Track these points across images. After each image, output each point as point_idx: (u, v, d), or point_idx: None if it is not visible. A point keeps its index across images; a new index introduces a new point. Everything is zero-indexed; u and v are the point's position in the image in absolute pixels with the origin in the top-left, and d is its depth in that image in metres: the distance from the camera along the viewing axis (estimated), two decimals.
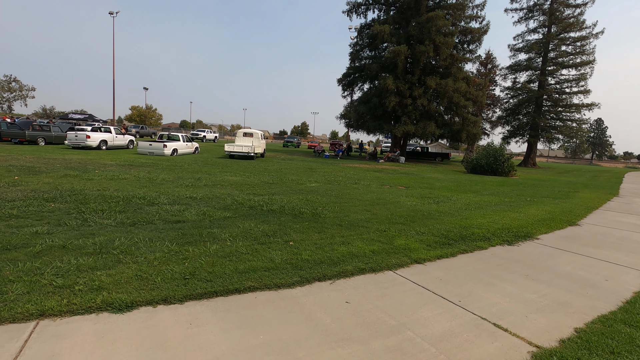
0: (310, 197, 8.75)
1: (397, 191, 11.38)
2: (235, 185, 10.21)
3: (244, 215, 6.31)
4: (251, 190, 9.42)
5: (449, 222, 6.90)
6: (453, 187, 13.91)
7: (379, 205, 8.44)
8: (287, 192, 9.40)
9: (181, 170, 13.18)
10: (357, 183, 12.74)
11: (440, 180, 16.54)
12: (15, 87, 75.99)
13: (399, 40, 28.71)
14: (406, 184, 13.88)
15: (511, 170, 22.05)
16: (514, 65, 42.81)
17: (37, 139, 22.00)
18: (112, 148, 22.55)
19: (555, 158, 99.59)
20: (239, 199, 7.73)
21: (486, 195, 11.82)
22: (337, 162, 24.89)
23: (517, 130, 42.97)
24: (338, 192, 10.02)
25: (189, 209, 6.44)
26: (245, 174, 13.28)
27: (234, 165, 16.80)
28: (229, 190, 9.05)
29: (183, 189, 8.82)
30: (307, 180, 12.55)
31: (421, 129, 28.07)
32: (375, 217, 6.97)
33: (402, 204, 8.77)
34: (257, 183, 10.92)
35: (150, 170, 12.55)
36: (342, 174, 16.08)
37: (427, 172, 21.05)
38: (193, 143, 23.56)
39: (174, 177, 10.88)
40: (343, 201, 8.61)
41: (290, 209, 7.12)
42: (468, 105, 28.63)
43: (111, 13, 47.10)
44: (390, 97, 27.46)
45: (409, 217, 7.18)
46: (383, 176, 16.43)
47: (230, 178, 11.66)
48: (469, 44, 31.52)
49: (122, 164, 14.06)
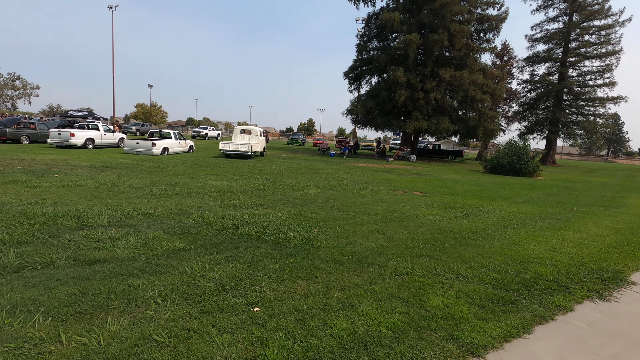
0: (305, 211, 6.84)
1: (414, 199, 9.41)
2: (216, 192, 8.35)
3: (205, 245, 4.43)
4: (232, 200, 7.55)
5: (495, 252, 4.93)
6: (477, 192, 11.87)
7: (394, 221, 6.49)
8: (278, 203, 7.51)
9: (161, 173, 11.38)
10: (364, 188, 10.80)
11: (459, 182, 14.49)
12: (19, 85, 75.38)
13: (409, 29, 26.51)
14: (422, 188, 11.89)
15: (536, 170, 19.85)
16: (531, 56, 40.17)
17: (20, 137, 20.46)
18: (101, 147, 20.93)
19: (569, 155, 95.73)
20: (209, 216, 5.86)
21: (521, 204, 9.77)
22: (342, 161, 22.93)
23: (535, 126, 40.39)
24: (341, 202, 8.10)
25: (129, 235, 4.59)
26: (234, 177, 11.43)
27: (227, 166, 14.97)
28: (204, 202, 7.19)
29: (145, 200, 6.99)
30: (305, 185, 10.64)
31: (434, 125, 25.89)
32: (391, 244, 5.04)
33: (423, 219, 6.82)
34: (244, 190, 9.05)
35: (124, 173, 10.77)
36: (347, 175, 14.14)
37: (443, 173, 18.98)
38: (187, 141, 21.82)
39: (144, 183, 9.06)
40: (347, 216, 6.69)
41: (274, 231, 5.22)
42: (485, 99, 26.33)
43: (110, 7, 45.66)
44: (400, 90, 25.33)
45: (436, 242, 5.23)
46: (394, 178, 14.44)
47: (214, 183, 9.81)
48: (486, 32, 29.14)
49: (97, 165, 12.33)
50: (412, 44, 24.75)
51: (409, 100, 26.09)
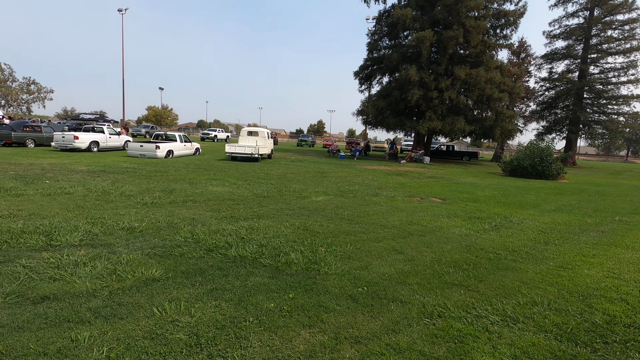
0: (312, 223, 6.01)
1: (433, 207, 8.48)
2: (214, 201, 7.59)
3: (187, 272, 3.64)
4: (231, 210, 6.77)
5: (543, 279, 4.01)
6: (501, 198, 10.85)
7: (414, 236, 5.61)
8: (281, 214, 6.69)
9: (160, 178, 10.71)
10: (377, 194, 9.91)
11: (479, 187, 13.46)
12: (34, 89, 76.69)
13: (422, 25, 25.48)
14: (440, 193, 10.93)
15: (560, 172, 18.61)
16: (550, 53, 38.62)
17: (26, 140, 20.20)
18: (106, 150, 20.52)
19: (587, 155, 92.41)
20: (200, 232, 5.08)
21: (554, 212, 8.75)
22: (353, 163, 22.04)
23: (554, 126, 38.78)
24: (352, 212, 7.24)
25: (99, 258, 3.83)
26: (237, 182, 10.68)
27: (231, 169, 14.26)
28: (198, 212, 6.42)
29: (133, 210, 6.26)
30: (313, 190, 9.81)
31: (449, 125, 24.77)
32: (414, 268, 4.17)
33: (447, 233, 5.91)
34: (246, 197, 8.27)
35: (120, 178, 10.13)
36: (358, 179, 13.26)
37: (460, 176, 17.92)
38: (193, 144, 21.24)
39: (138, 190, 8.37)
40: (359, 229, 5.83)
41: (274, 252, 4.40)
42: (503, 98, 25.08)
43: (120, 10, 45.81)
44: (413, 89, 24.31)
45: (468, 266, 4.34)
46: (408, 182, 13.50)
47: (214, 189, 9.06)
48: (503, 28, 27.87)
49: (95, 170, 11.74)
50: (426, 41, 23.72)
51: (422, 100, 25.06)
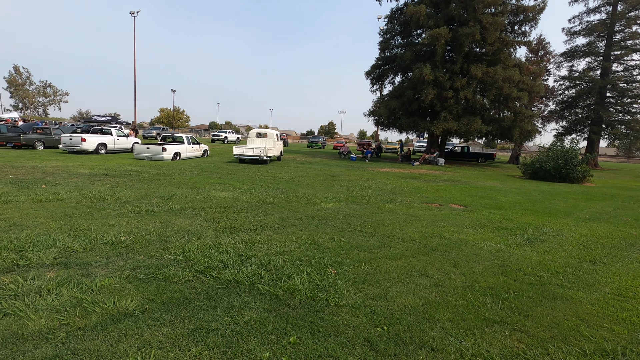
0: (320, 236, 5.34)
1: (454, 215, 7.72)
2: (216, 208, 6.99)
3: (168, 304, 3.01)
4: (232, 219, 6.15)
5: (604, 314, 3.25)
6: (527, 204, 9.99)
7: (437, 252, 4.88)
8: (287, 224, 6.04)
9: (162, 182, 10.21)
10: (392, 200, 9.18)
11: (501, 191, 12.57)
12: (50, 92, 78.28)
13: (437, 23, 24.55)
14: (459, 199, 10.13)
15: (586, 175, 17.49)
16: (570, 51, 37.09)
17: (35, 142, 20.11)
18: (114, 152, 20.27)
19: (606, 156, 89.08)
20: (193, 248, 4.47)
21: (590, 222, 7.87)
22: (364, 165, 21.30)
23: (574, 126, 37.21)
24: (365, 221, 6.54)
25: (68, 284, 3.24)
26: (243, 186, 10.09)
27: (238, 172, 13.71)
28: (196, 222, 5.82)
29: (125, 220, 5.71)
30: (323, 196, 9.14)
31: (464, 125, 23.78)
32: (442, 296, 3.46)
33: (474, 248, 5.17)
34: (250, 204, 7.66)
35: (121, 182, 9.65)
36: (371, 183, 12.54)
37: (477, 179, 17.00)
38: (201, 146, 20.84)
39: (136, 196, 7.84)
40: (374, 244, 5.14)
41: (275, 274, 3.75)
42: (522, 97, 23.97)
43: (132, 13, 46.14)
44: (427, 89, 23.43)
45: (507, 294, 3.60)
46: (424, 186, 12.71)
47: (217, 195, 8.48)
48: (521, 25, 26.72)
49: (98, 173, 11.33)
50: (441, 38, 22.82)
51: (437, 100, 24.15)
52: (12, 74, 72.25)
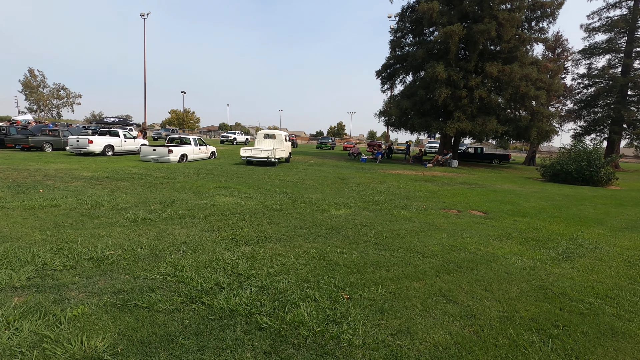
0: (330, 250, 4.79)
1: (476, 224, 7.07)
2: (217, 216, 6.50)
3: (147, 343, 2.49)
4: (234, 229, 5.64)
5: None
6: (553, 210, 9.25)
7: (464, 270, 4.28)
8: (293, 234, 5.50)
9: (165, 186, 9.79)
10: (407, 206, 8.56)
11: (522, 196, 11.81)
12: (63, 94, 79.47)
13: (450, 20, 23.76)
14: (479, 204, 9.45)
15: (611, 178, 16.54)
16: (589, 48, 35.72)
17: (43, 144, 20.03)
18: (121, 154, 20.08)
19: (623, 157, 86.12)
20: (186, 264, 3.96)
21: (629, 232, 7.12)
22: (375, 167, 20.66)
23: (593, 126, 35.80)
24: (380, 231, 5.96)
25: (32, 314, 2.75)
26: (248, 190, 9.60)
27: (245, 175, 13.25)
28: (194, 233, 5.33)
29: (117, 230, 5.24)
30: (332, 201, 8.58)
31: (479, 126, 22.93)
32: (478, 332, 2.86)
33: (505, 266, 4.54)
34: (255, 210, 7.15)
35: (122, 187, 9.26)
36: (383, 187, 11.92)
37: (494, 182, 16.21)
38: (209, 147, 20.48)
39: (135, 202, 7.41)
40: (391, 260, 4.56)
41: (277, 301, 3.21)
42: (540, 96, 23.00)
43: (142, 15, 46.37)
44: (440, 88, 22.66)
45: (556, 328, 2.99)
46: (439, 190, 12.04)
47: (220, 200, 8.00)
48: (539, 21, 25.74)
49: (100, 176, 10.99)
50: (454, 35, 22.05)
51: (450, 99, 23.37)
52: (27, 76, 73.57)
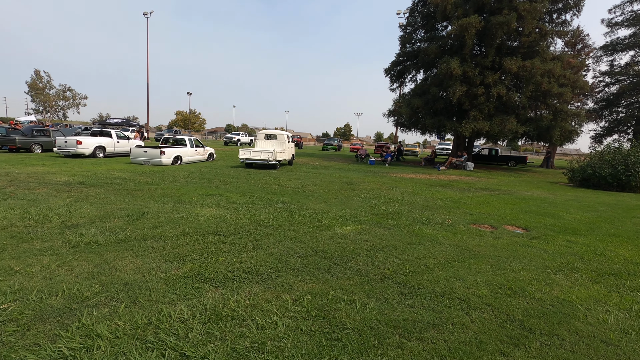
0: (334, 300, 3.30)
1: (521, 246, 5.52)
2: (191, 235, 5.06)
3: None
4: (205, 259, 4.19)
5: None
6: (605, 225, 7.64)
7: (537, 335, 2.76)
8: (284, 266, 4.03)
9: (144, 193, 8.41)
10: (428, 220, 7.04)
11: (557, 205, 10.19)
12: (69, 96, 79.27)
13: (465, 12, 22.15)
14: (513, 217, 7.87)
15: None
16: (610, 44, 33.78)
17: (32, 145, 18.90)
18: (114, 155, 18.85)
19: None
20: (104, 336, 2.52)
21: None
22: (385, 170, 19.12)
23: (616, 127, 33.85)
24: (400, 260, 4.46)
25: None
26: (239, 199, 8.17)
27: (240, 180, 11.85)
28: (148, 264, 3.89)
29: (43, 261, 3.83)
30: (338, 214, 7.09)
31: (497, 126, 21.24)
32: None
33: (594, 325, 3.02)
34: (240, 227, 5.70)
35: (91, 194, 7.90)
36: (396, 193, 10.41)
37: (518, 187, 14.57)
38: (206, 149, 19.15)
39: (94, 216, 6.02)
40: (423, 317, 3.06)
41: None
42: (565, 94, 21.22)
43: (145, 14, 45.49)
44: (455, 85, 21.04)
45: None
46: (460, 197, 10.48)
47: (202, 213, 6.57)
48: (561, 12, 23.99)
49: (75, 181, 9.66)
50: (471, 28, 20.42)
51: (465, 97, 21.72)
52: (34, 78, 73.47)
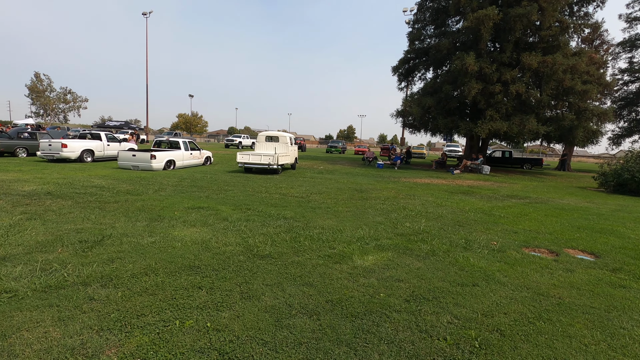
0: None
1: (607, 286, 4.03)
2: (158, 274, 3.62)
3: None
4: (164, 325, 2.75)
5: None
6: None
7: None
8: (282, 337, 2.56)
9: (119, 207, 6.99)
10: (469, 244, 5.55)
11: (607, 217, 8.66)
12: (70, 98, 78.54)
13: (480, 5, 20.67)
14: (569, 236, 6.37)
15: None
16: (629, 40, 32.17)
17: (16, 149, 17.60)
18: (104, 159, 17.51)
19: None
20: None
21: None
22: (395, 174, 17.63)
23: (635, 127, 32.16)
24: (455, 318, 2.99)
25: None
26: (233, 214, 6.72)
27: (237, 187, 10.42)
28: (69, 342, 2.45)
29: None
30: (354, 234, 5.62)
31: (516, 126, 19.68)
32: None
33: None
34: (227, 259, 4.24)
35: (51, 209, 6.49)
36: (416, 204, 8.91)
37: (546, 193, 13.03)
38: (202, 152, 17.76)
39: (37, 241, 4.59)
40: None
41: None
42: (590, 91, 19.66)
43: (144, 14, 44.43)
44: (470, 82, 19.51)
45: None
46: (490, 208, 8.97)
47: (182, 235, 5.13)
48: (583, 5, 22.46)
49: (44, 190, 8.26)
50: (488, 21, 18.92)
51: (481, 96, 20.19)
52: (33, 81, 72.77)
